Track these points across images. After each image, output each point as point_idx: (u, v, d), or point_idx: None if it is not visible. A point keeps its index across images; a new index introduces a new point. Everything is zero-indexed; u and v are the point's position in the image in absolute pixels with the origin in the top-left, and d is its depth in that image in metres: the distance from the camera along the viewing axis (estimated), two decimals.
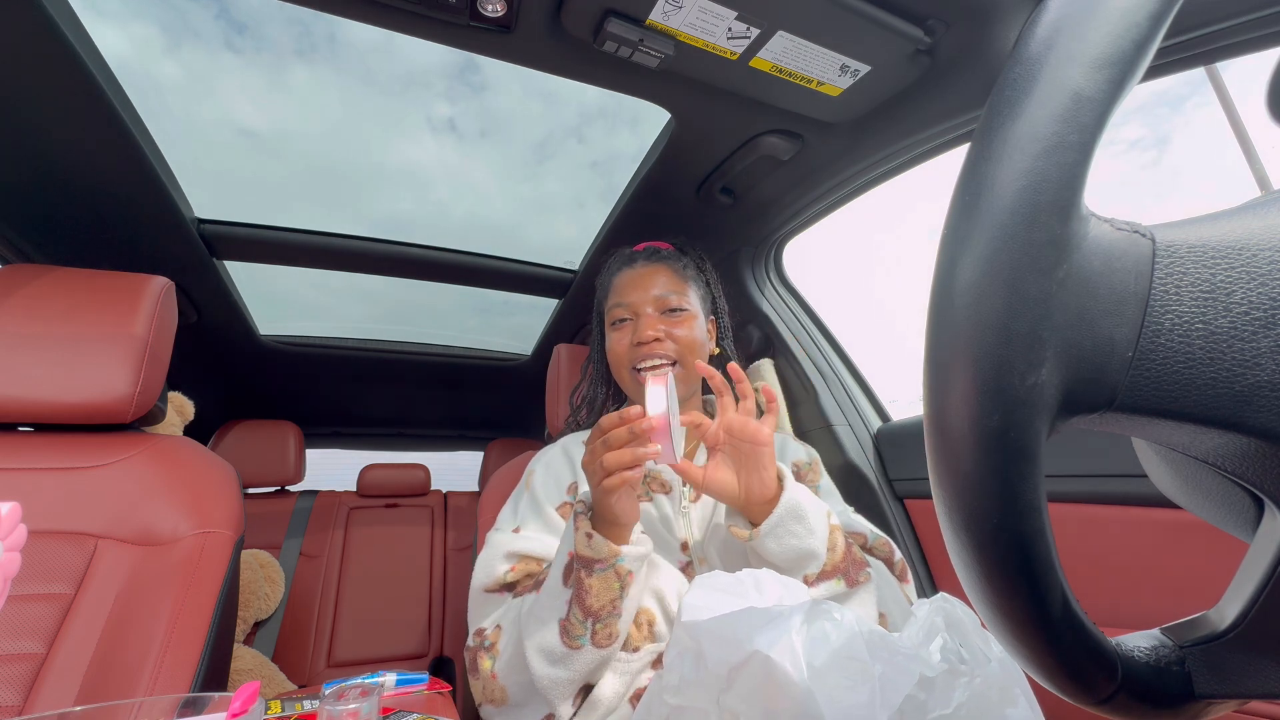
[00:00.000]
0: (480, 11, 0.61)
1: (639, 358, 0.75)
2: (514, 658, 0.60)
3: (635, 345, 0.75)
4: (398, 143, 1.15)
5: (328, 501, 1.87)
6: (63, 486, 0.69)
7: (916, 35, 0.63)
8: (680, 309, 0.76)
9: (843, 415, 1.11)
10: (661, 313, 0.76)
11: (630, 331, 0.77)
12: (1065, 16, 0.19)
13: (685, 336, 0.75)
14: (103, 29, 0.70)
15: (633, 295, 0.77)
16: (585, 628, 0.55)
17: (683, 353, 0.75)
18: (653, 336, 0.74)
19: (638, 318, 0.77)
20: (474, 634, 0.65)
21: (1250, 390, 0.18)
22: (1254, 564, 0.21)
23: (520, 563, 0.68)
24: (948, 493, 0.19)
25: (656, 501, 0.72)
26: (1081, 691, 0.21)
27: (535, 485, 0.76)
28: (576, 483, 0.75)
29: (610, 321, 0.80)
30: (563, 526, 0.71)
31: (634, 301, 0.77)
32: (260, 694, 0.38)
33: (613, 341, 0.79)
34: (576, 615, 0.56)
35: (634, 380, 0.76)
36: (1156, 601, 0.65)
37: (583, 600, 0.56)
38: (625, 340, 0.77)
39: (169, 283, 0.81)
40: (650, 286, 0.77)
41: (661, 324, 0.75)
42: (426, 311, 1.63)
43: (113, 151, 0.83)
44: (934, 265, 0.20)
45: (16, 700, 0.59)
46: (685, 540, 0.70)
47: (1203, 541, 0.61)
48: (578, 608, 0.56)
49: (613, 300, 0.80)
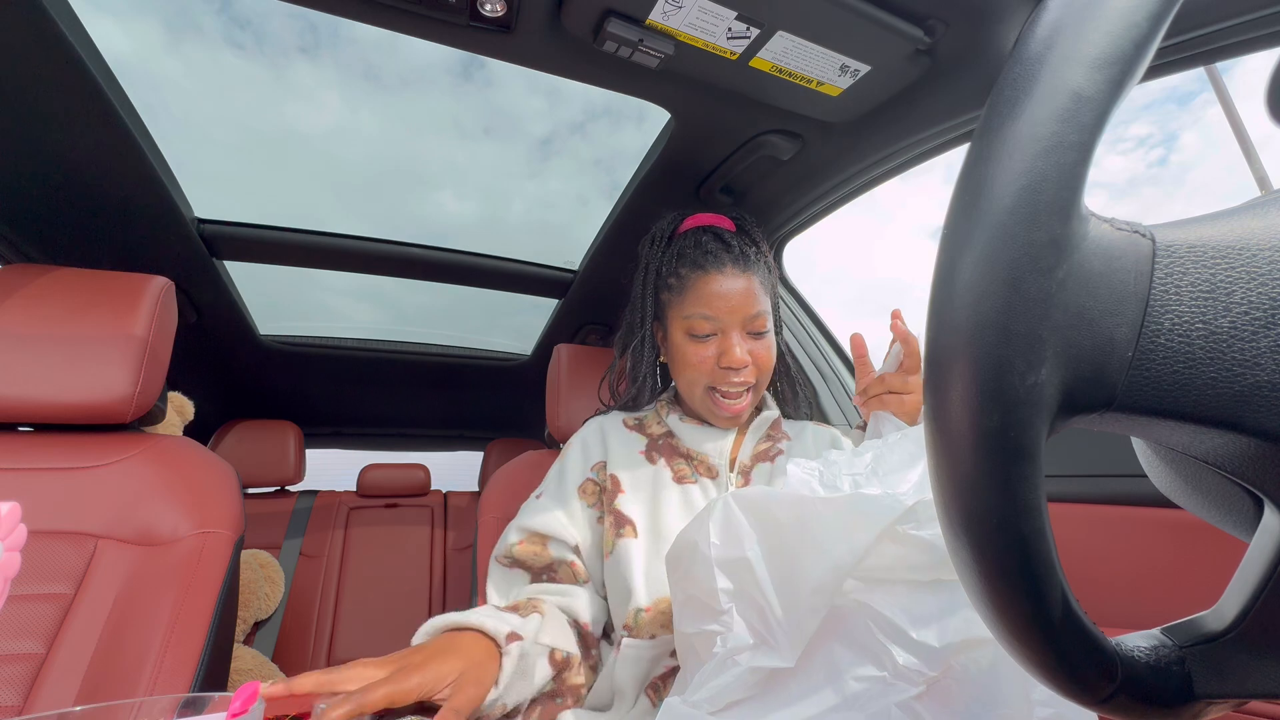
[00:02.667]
0: (480, 11, 0.61)
1: (721, 379, 0.71)
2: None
3: (720, 367, 0.71)
4: (400, 140, 1.15)
5: (328, 501, 1.87)
6: (63, 486, 0.69)
7: (916, 35, 0.63)
8: (764, 331, 0.73)
9: (843, 415, 1.11)
10: (745, 334, 0.72)
11: (714, 347, 0.72)
12: (1065, 16, 0.19)
13: (766, 360, 0.73)
14: (104, 25, 0.70)
15: (722, 310, 0.71)
16: None
17: (760, 378, 0.73)
18: (743, 363, 0.70)
19: (723, 335, 0.72)
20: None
21: (1250, 390, 0.18)
22: (1253, 564, 0.21)
23: (527, 539, 0.70)
24: (947, 493, 0.19)
25: (702, 484, 0.71)
26: (1081, 691, 0.21)
27: (568, 455, 0.78)
28: (605, 461, 0.75)
29: (685, 329, 0.73)
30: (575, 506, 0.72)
31: (722, 318, 0.71)
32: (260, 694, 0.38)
33: (691, 353, 0.73)
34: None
35: (708, 397, 0.73)
36: (1156, 601, 0.65)
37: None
38: (709, 357, 0.72)
39: (169, 283, 0.81)
40: (742, 306, 0.71)
41: (748, 345, 0.72)
42: (427, 311, 1.63)
43: (113, 151, 0.83)
44: (934, 265, 0.20)
45: (16, 700, 0.59)
46: None
47: (1203, 541, 0.61)
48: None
49: (695, 308, 0.72)
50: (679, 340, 0.74)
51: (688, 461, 0.73)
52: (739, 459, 0.74)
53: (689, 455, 0.74)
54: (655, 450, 0.75)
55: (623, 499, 0.70)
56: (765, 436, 0.77)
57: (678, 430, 0.76)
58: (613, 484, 0.72)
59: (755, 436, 0.76)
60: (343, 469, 2.24)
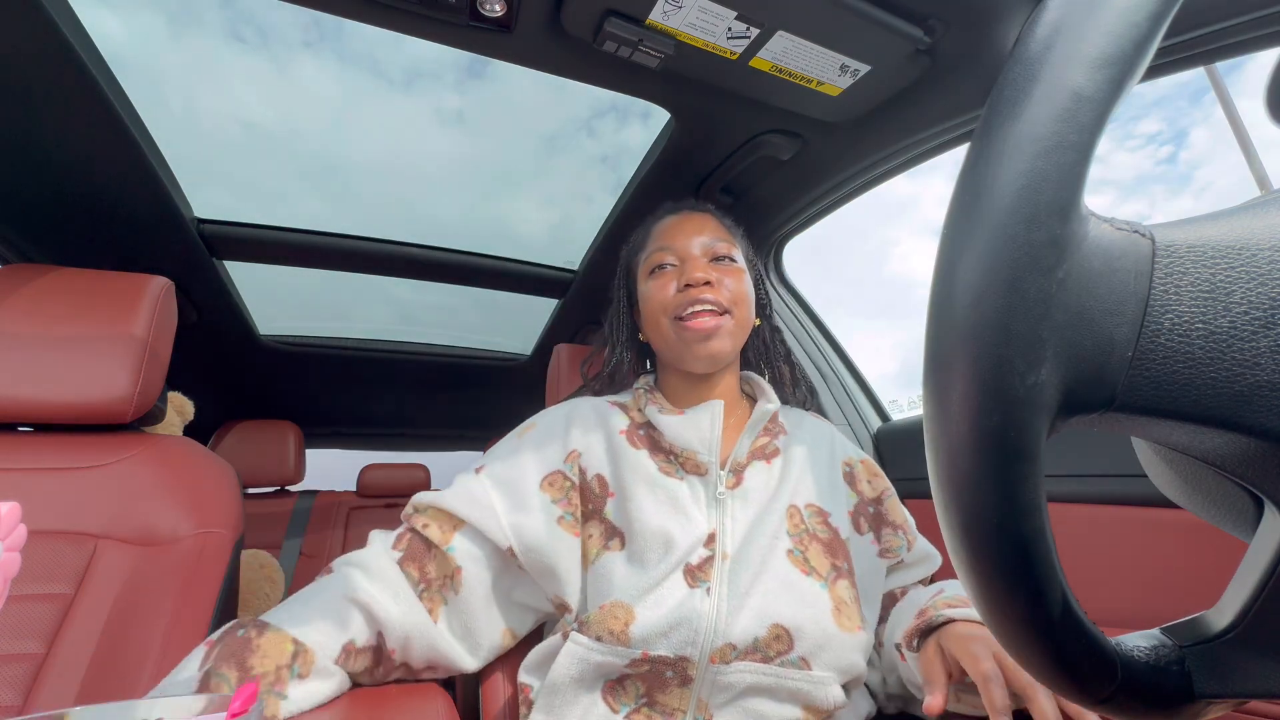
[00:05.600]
0: (480, 11, 0.61)
1: (685, 303, 0.65)
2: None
3: (683, 288, 0.66)
4: (404, 138, 1.14)
5: (327, 502, 1.87)
6: (63, 486, 0.69)
7: (916, 35, 0.63)
8: (731, 258, 0.69)
9: (842, 415, 1.11)
10: (710, 260, 0.68)
11: (675, 277, 0.67)
12: (1065, 16, 0.19)
13: (737, 288, 0.67)
14: (104, 18, 0.70)
15: (679, 239, 0.68)
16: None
17: (736, 303, 0.66)
18: (703, 279, 0.65)
19: (683, 262, 0.68)
20: None
21: (1250, 390, 0.18)
22: (1253, 564, 0.21)
23: (433, 520, 0.61)
24: (948, 493, 0.19)
25: (689, 482, 0.63)
26: (1081, 691, 0.21)
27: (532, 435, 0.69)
28: (580, 452, 0.66)
29: (648, 269, 0.70)
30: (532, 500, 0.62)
31: (680, 245, 0.68)
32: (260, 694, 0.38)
33: (652, 290, 0.68)
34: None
35: (676, 331, 0.66)
36: (1156, 601, 0.65)
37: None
38: (669, 286, 0.67)
39: (169, 283, 0.81)
40: (699, 231, 0.69)
41: (713, 271, 0.67)
42: (427, 311, 1.62)
43: (112, 151, 0.83)
44: (934, 265, 0.20)
45: (16, 700, 0.59)
46: (714, 532, 0.60)
47: (1203, 541, 0.61)
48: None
49: (654, 245, 0.70)
50: (645, 288, 0.70)
51: (671, 458, 0.65)
52: (733, 456, 0.66)
53: (671, 451, 0.65)
54: (637, 436, 0.67)
55: (612, 505, 0.62)
56: (763, 430, 0.70)
57: (657, 422, 0.66)
58: (600, 486, 0.64)
59: (753, 433, 0.68)
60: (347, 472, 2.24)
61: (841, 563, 0.62)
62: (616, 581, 0.57)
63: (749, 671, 0.54)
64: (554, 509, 0.62)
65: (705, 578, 0.57)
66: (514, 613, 0.63)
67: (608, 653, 0.54)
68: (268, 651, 0.51)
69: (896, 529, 0.69)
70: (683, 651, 0.53)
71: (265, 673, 0.50)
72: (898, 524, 0.69)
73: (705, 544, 0.59)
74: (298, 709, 0.51)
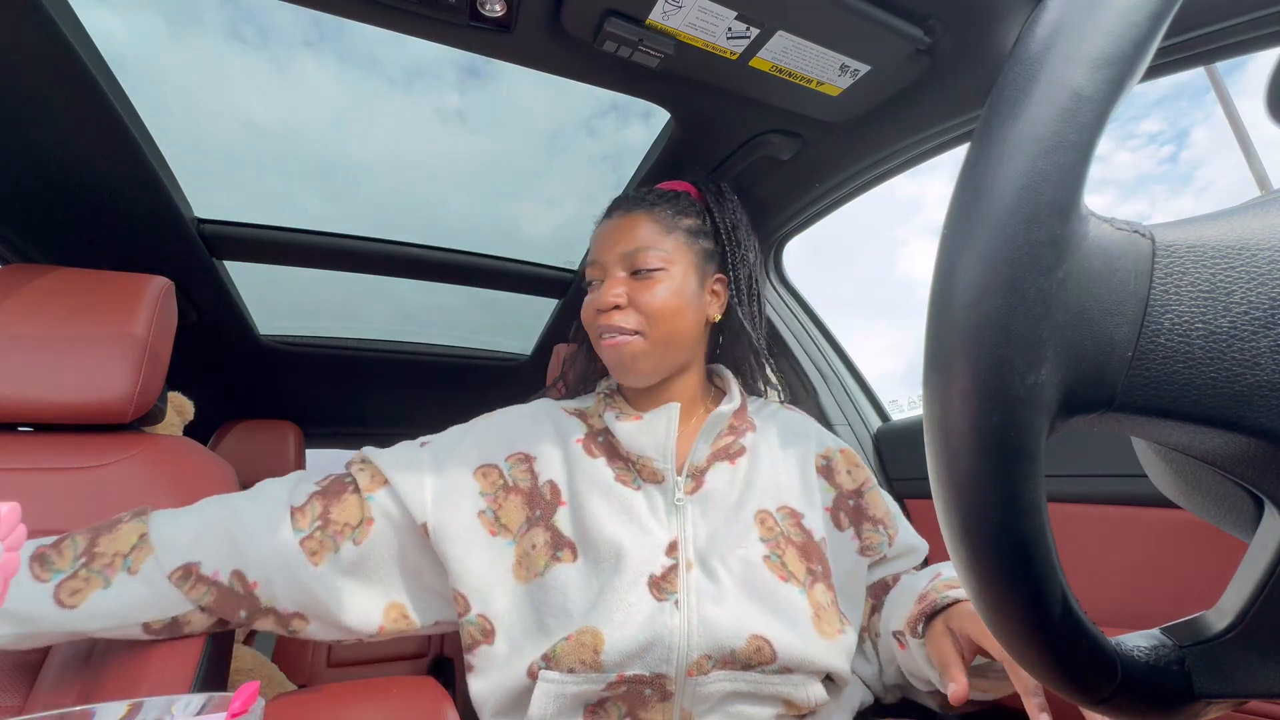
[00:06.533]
0: (479, 11, 0.61)
1: (597, 327, 0.65)
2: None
3: (597, 311, 0.65)
4: (405, 137, 1.14)
5: None
6: (62, 486, 0.69)
7: (916, 35, 0.63)
8: (651, 269, 0.64)
9: (842, 415, 1.11)
10: (631, 274, 0.65)
11: (598, 292, 0.66)
12: (1065, 16, 0.19)
13: (655, 302, 0.63)
14: (104, 18, 0.69)
15: (601, 252, 0.67)
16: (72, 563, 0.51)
17: (653, 320, 0.63)
18: (611, 303, 0.63)
19: (603, 279, 0.66)
20: None
21: (1250, 390, 0.18)
22: (1253, 564, 0.21)
23: (365, 469, 0.61)
24: (947, 493, 0.19)
25: (646, 491, 0.61)
26: (1081, 691, 0.21)
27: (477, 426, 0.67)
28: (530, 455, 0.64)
29: (587, 282, 0.69)
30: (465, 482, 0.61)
31: (602, 259, 0.66)
32: (260, 694, 0.38)
33: (584, 306, 0.68)
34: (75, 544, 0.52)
35: (600, 350, 0.67)
36: (1156, 601, 0.65)
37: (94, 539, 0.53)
38: (591, 305, 0.66)
39: (169, 283, 0.81)
40: (617, 242, 0.65)
41: (625, 287, 0.64)
42: (427, 311, 1.62)
43: (112, 151, 0.83)
44: (934, 265, 0.20)
45: (17, 700, 0.59)
46: (674, 540, 0.58)
47: (1203, 541, 0.61)
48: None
49: (589, 255, 0.69)
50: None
51: (629, 466, 0.64)
52: (690, 460, 0.64)
53: (629, 459, 0.64)
54: (594, 444, 0.65)
55: (564, 514, 0.60)
56: (728, 429, 0.67)
57: (614, 428, 0.65)
58: (551, 492, 0.61)
59: (710, 436, 0.66)
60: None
61: (816, 566, 0.61)
62: (572, 595, 0.56)
63: (728, 680, 0.53)
64: (479, 500, 0.61)
65: (671, 589, 0.55)
66: (418, 595, 0.61)
67: (583, 681, 0.52)
68: (119, 536, 0.53)
69: (877, 524, 0.67)
70: (659, 670, 0.52)
71: (102, 553, 0.52)
72: (878, 518, 0.68)
73: (667, 552, 0.57)
74: (112, 605, 0.51)
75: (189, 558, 0.54)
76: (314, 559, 0.56)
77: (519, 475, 0.63)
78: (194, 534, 0.55)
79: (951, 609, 0.54)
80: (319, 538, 0.56)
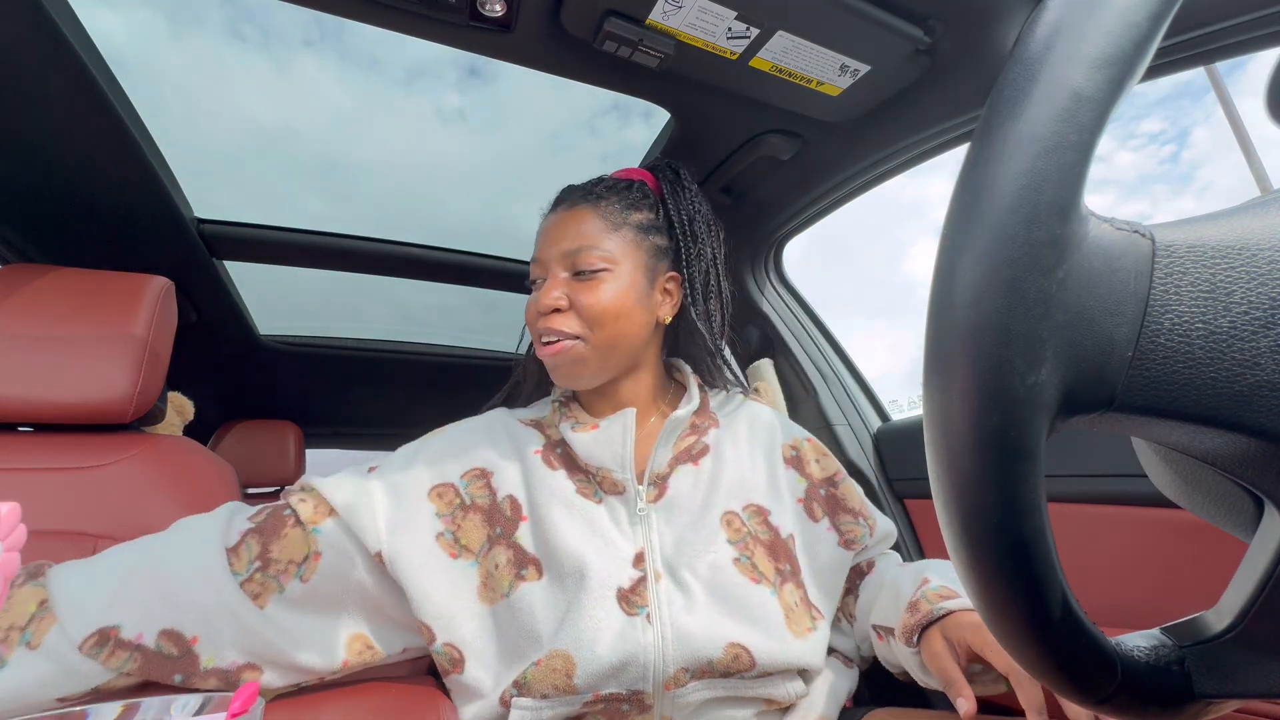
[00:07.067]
0: (479, 11, 0.61)
1: (539, 332, 0.61)
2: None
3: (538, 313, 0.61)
4: (405, 137, 1.14)
5: None
6: (62, 486, 0.69)
7: (916, 35, 0.63)
8: (594, 270, 0.60)
9: (842, 415, 1.11)
10: (573, 274, 0.61)
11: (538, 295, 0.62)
12: (1065, 16, 0.19)
13: (594, 306, 0.59)
14: (104, 18, 0.69)
15: (542, 249, 0.63)
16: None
17: (594, 323, 0.59)
18: (550, 306, 0.60)
19: (548, 278, 0.62)
20: None
21: (1250, 390, 0.18)
22: (1253, 564, 0.21)
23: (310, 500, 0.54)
24: (947, 493, 0.19)
25: (608, 504, 0.59)
26: (1081, 691, 0.21)
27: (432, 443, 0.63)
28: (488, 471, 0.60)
29: (530, 280, 0.65)
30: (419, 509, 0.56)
31: (543, 257, 0.63)
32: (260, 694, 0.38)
33: (526, 306, 0.64)
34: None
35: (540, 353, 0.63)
36: (1156, 601, 0.65)
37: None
38: (533, 306, 0.62)
39: (169, 283, 0.81)
40: (559, 239, 0.62)
41: (566, 289, 0.60)
42: (427, 311, 1.62)
43: (112, 151, 0.83)
44: (934, 265, 0.20)
45: None
46: (640, 551, 0.56)
47: (1203, 541, 0.61)
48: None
49: (532, 254, 0.65)
50: None
51: (590, 478, 0.61)
52: (650, 468, 0.61)
53: (588, 471, 0.61)
54: (553, 456, 0.62)
55: (525, 530, 0.57)
56: (689, 429, 0.65)
57: (570, 440, 0.61)
58: (511, 508, 0.58)
59: (669, 440, 0.63)
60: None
61: (784, 565, 0.61)
62: (539, 615, 0.53)
63: (706, 689, 0.53)
64: (436, 522, 0.56)
65: (641, 602, 0.53)
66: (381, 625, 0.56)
67: (558, 704, 0.51)
68: (13, 605, 0.44)
69: (856, 516, 0.67)
70: (635, 687, 0.52)
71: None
72: (856, 510, 0.67)
73: (634, 564, 0.56)
74: (11, 687, 0.42)
75: (105, 621, 0.45)
76: (257, 601, 0.49)
77: (476, 492, 0.59)
78: (108, 593, 0.47)
79: (947, 619, 0.53)
80: (260, 580, 0.50)
